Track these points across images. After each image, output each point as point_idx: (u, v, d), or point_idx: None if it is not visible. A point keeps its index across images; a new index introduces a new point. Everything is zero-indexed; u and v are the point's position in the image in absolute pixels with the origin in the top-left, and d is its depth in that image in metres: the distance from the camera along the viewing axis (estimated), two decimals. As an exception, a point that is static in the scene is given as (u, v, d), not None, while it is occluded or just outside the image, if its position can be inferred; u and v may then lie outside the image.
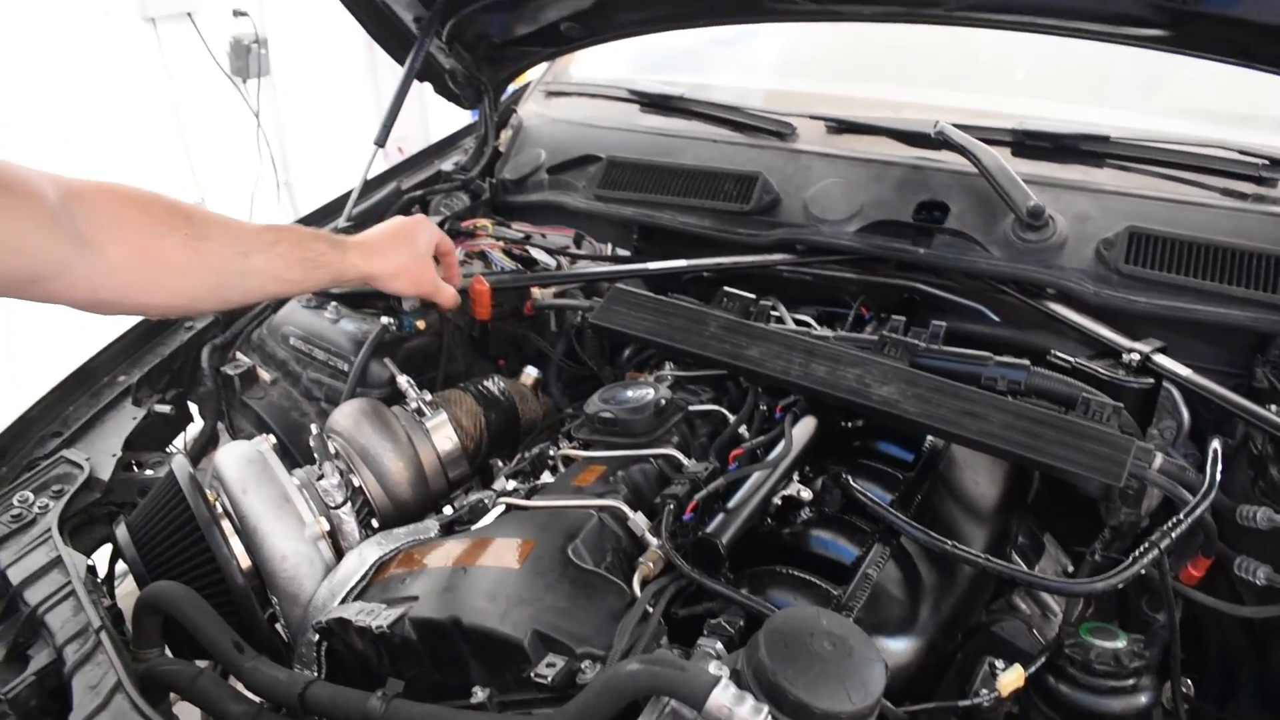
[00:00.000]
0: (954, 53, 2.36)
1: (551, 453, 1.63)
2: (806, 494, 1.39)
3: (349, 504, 1.43)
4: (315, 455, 1.47)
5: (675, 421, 1.50)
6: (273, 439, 1.48)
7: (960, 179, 1.93)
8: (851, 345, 1.59)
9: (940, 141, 1.93)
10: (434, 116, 4.09)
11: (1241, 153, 1.87)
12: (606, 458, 1.45)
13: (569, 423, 1.77)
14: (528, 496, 1.42)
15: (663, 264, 1.95)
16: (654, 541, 1.29)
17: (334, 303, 1.84)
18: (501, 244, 2.10)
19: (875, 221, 1.91)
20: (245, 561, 1.39)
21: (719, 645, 1.14)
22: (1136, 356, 1.63)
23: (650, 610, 1.17)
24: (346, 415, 1.55)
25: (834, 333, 1.66)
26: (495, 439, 1.68)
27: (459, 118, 2.90)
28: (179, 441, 1.83)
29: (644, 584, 1.23)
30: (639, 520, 1.31)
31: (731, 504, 1.31)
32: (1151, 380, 1.61)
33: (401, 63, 2.27)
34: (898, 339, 1.57)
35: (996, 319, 1.89)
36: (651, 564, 1.25)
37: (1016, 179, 1.83)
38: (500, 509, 1.39)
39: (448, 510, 1.58)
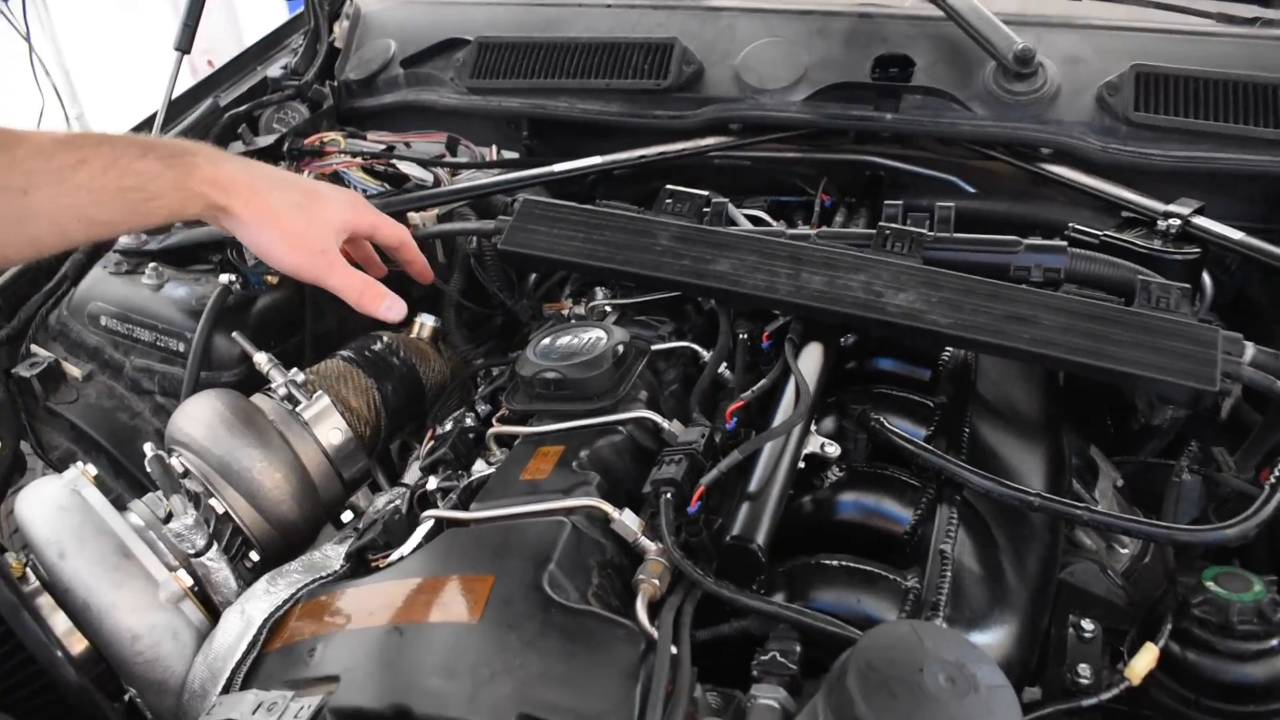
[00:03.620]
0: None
1: (467, 420, 1.26)
2: (833, 448, 1.05)
3: (215, 544, 1.03)
4: (158, 485, 1.06)
5: (640, 370, 1.13)
6: (91, 469, 1.06)
7: (921, 26, 1.59)
8: (841, 244, 1.25)
9: (892, -21, 1.58)
10: (246, 18, 3.50)
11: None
12: (560, 433, 1.08)
13: (484, 380, 1.39)
14: (463, 502, 1.04)
15: (572, 164, 1.55)
16: (652, 547, 0.94)
17: (152, 263, 1.40)
18: (359, 160, 1.67)
19: (826, 86, 1.55)
20: (79, 645, 0.98)
21: (782, 693, 0.82)
22: (1175, 221, 1.34)
23: (675, 652, 0.83)
24: (193, 418, 1.13)
25: (814, 230, 1.31)
26: (395, 416, 1.29)
27: (277, 18, 2.41)
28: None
29: (651, 610, 0.89)
30: (628, 520, 0.95)
31: (754, 485, 0.96)
32: (1198, 250, 1.32)
33: (197, -57, 1.78)
34: (901, 230, 1.24)
35: (972, 190, 1.58)
36: (656, 581, 0.91)
37: (993, 19, 1.50)
38: (428, 525, 1.01)
39: (347, 516, 1.21)
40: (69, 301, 1.46)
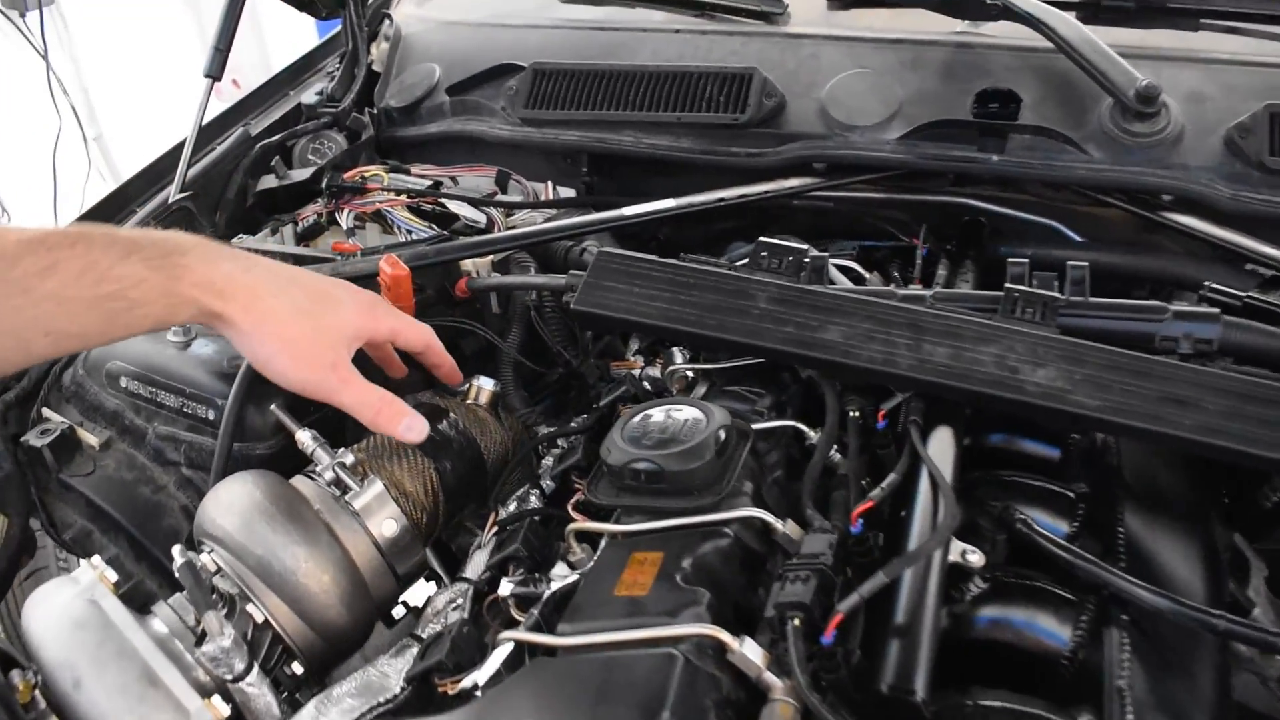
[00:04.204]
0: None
1: (532, 500, 1.13)
2: (976, 557, 0.90)
3: (254, 665, 0.88)
4: (189, 599, 0.91)
5: (744, 459, 0.98)
6: (110, 573, 0.91)
7: (1025, 58, 1.44)
8: (961, 307, 1.10)
9: (996, 11, 1.43)
10: (273, 41, 3.36)
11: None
12: (655, 534, 0.93)
13: (546, 451, 1.25)
14: (545, 619, 0.89)
15: (644, 207, 1.40)
16: (778, 685, 0.79)
17: (180, 318, 1.25)
18: (405, 198, 1.53)
19: (925, 124, 1.40)
20: (92, 788, 0.84)
21: None
22: (1329, 282, 1.19)
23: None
24: (226, 508, 0.98)
25: (929, 291, 1.16)
26: (454, 498, 1.14)
27: (305, 42, 2.27)
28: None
29: (782, 767, 0.74)
30: (751, 652, 0.80)
31: (901, 615, 0.81)
32: (1354, 314, 1.17)
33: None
34: (1032, 294, 1.09)
35: (1079, 239, 1.43)
36: (788, 730, 0.76)
37: (1110, 52, 1.35)
38: (506, 649, 0.86)
39: (399, 612, 1.06)
40: (85, 359, 1.31)
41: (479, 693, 0.85)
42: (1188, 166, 1.34)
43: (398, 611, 1.08)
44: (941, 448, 0.98)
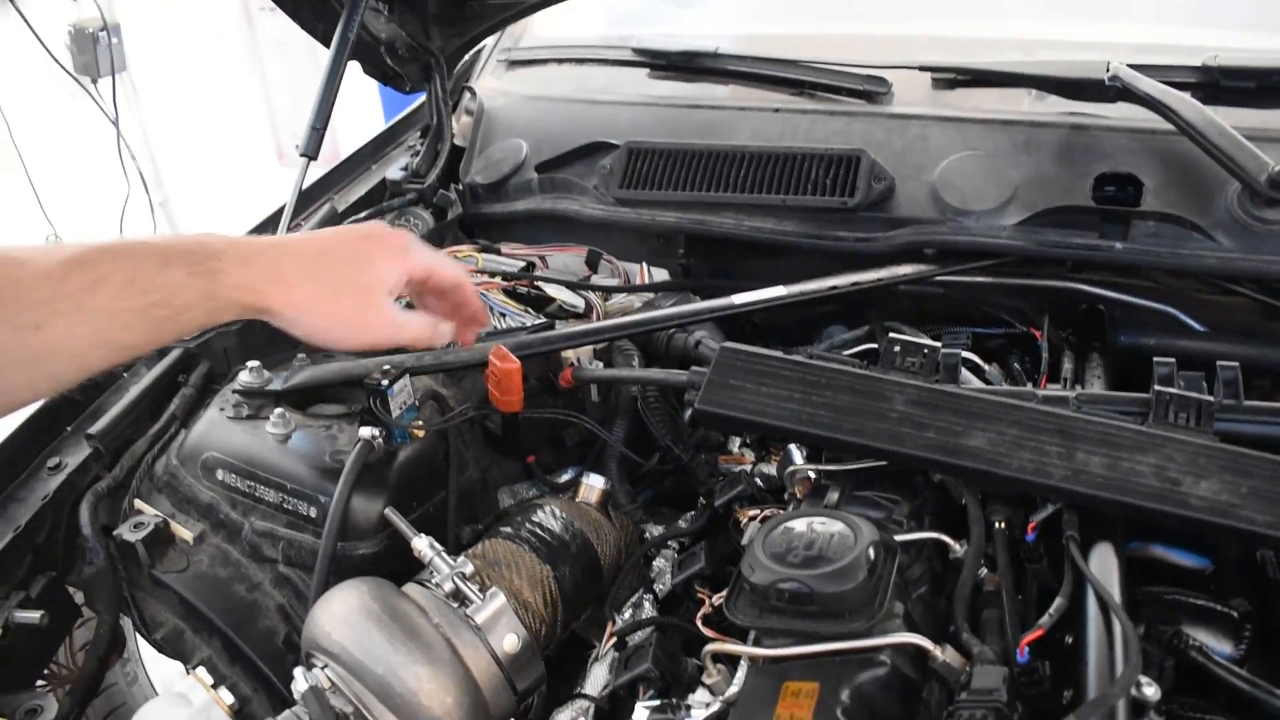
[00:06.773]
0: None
1: (646, 607, 1.07)
2: (1153, 690, 0.82)
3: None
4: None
5: (893, 577, 0.92)
6: (225, 694, 0.86)
7: (1144, 141, 1.39)
8: (1106, 411, 1.04)
9: (1114, 93, 1.38)
10: (340, 113, 3.36)
11: None
12: (806, 661, 0.87)
13: (657, 552, 1.19)
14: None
15: (754, 296, 1.34)
16: None
17: (278, 408, 1.21)
18: (499, 281, 1.50)
19: (1046, 209, 1.35)
20: None
21: None
22: None
23: None
24: (341, 621, 0.93)
25: (1072, 393, 1.10)
26: (571, 606, 1.08)
27: (371, 114, 2.25)
28: (62, 655, 1.18)
29: None
30: (928, 809, 0.73)
31: (1098, 768, 0.74)
32: None
33: (319, 36, 1.65)
34: (1185, 397, 1.03)
35: (1200, 328, 1.37)
36: None
37: (1239, 137, 1.30)
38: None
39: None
40: (179, 448, 1.27)
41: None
42: (1323, 254, 1.28)
43: (514, 725, 1.02)
44: (1104, 566, 0.92)
